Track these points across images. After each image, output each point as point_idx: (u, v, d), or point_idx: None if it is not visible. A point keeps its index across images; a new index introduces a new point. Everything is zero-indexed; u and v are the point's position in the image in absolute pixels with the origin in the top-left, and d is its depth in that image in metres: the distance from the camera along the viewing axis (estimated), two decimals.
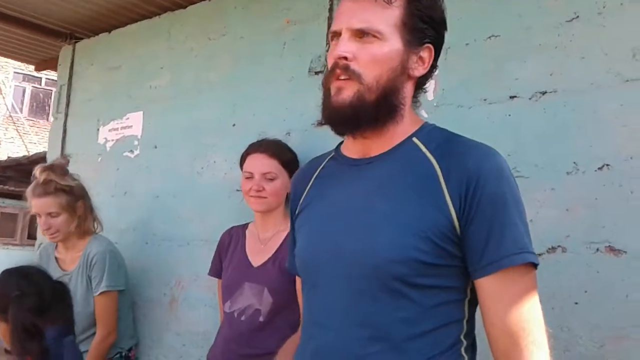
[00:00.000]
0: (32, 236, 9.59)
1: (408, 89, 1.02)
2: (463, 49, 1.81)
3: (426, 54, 1.01)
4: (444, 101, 1.81)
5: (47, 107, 15.44)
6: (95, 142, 2.81)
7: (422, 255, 0.90)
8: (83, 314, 2.23)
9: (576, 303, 1.49)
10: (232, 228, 2.02)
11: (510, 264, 0.90)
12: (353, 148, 1.05)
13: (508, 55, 1.73)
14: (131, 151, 2.66)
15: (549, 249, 1.56)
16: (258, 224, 1.93)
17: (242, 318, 1.79)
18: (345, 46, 0.96)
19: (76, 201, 2.25)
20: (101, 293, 2.19)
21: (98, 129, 2.83)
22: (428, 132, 1.03)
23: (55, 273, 2.32)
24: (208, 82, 2.46)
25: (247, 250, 1.90)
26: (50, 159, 2.83)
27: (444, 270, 0.92)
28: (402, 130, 1.02)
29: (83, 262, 2.24)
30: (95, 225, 2.35)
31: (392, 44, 0.96)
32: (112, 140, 2.75)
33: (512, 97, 1.71)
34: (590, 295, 1.47)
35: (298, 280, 1.18)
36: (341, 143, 1.12)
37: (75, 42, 3.07)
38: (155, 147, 2.58)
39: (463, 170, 0.92)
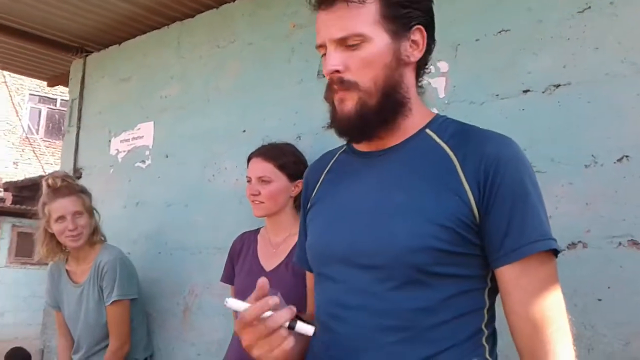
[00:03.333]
0: None
1: (408, 77, 1.00)
2: (473, 44, 1.79)
3: (418, 36, 0.98)
4: (455, 98, 1.78)
5: (62, 128, 15.61)
6: (107, 154, 2.82)
7: (441, 243, 0.88)
8: (95, 325, 2.22)
9: (599, 300, 1.44)
10: (243, 234, 2.00)
11: (532, 252, 0.88)
12: (365, 142, 1.03)
13: (520, 49, 1.70)
14: (143, 161, 2.66)
15: (570, 244, 1.51)
16: (269, 228, 1.90)
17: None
18: (334, 59, 0.95)
19: (91, 204, 2.25)
20: (113, 302, 2.17)
21: (110, 141, 2.84)
22: (440, 123, 1.02)
23: (66, 286, 2.31)
24: (218, 89, 2.46)
25: (259, 254, 1.88)
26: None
27: (464, 259, 0.91)
28: (412, 122, 1.00)
29: (94, 273, 2.22)
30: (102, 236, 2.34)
31: (379, 41, 0.94)
32: (124, 151, 2.76)
33: (525, 92, 1.67)
34: (614, 291, 1.42)
35: (309, 276, 1.15)
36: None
37: (86, 55, 3.10)
38: (167, 156, 2.57)
39: (481, 158, 0.91)
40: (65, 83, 3.50)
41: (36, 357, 9.28)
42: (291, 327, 0.84)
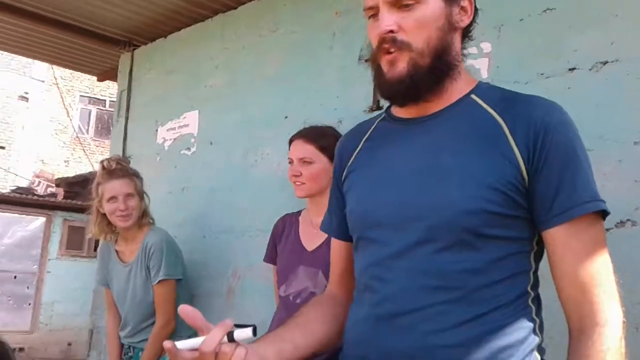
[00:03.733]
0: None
1: (457, 42, 1.01)
2: (517, 24, 1.77)
3: (466, 2, 0.99)
4: (498, 77, 1.77)
5: (111, 128, 16.10)
6: (154, 142, 2.91)
7: (492, 206, 0.89)
8: (143, 303, 2.30)
9: None
10: (285, 215, 2.03)
11: (583, 212, 0.88)
12: (407, 109, 1.04)
13: (565, 27, 1.67)
14: (188, 149, 2.73)
15: (618, 223, 1.48)
16: (310, 209, 1.93)
17: (298, 301, 1.78)
18: (388, 19, 0.95)
19: (142, 188, 2.33)
20: (159, 282, 2.24)
21: (156, 130, 2.93)
22: (485, 89, 1.01)
23: (115, 266, 2.40)
24: (261, 77, 2.50)
25: (300, 235, 1.91)
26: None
27: (512, 221, 0.91)
28: (458, 88, 1.00)
29: (142, 253, 2.30)
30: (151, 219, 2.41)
31: (432, 3, 0.95)
32: (170, 139, 2.84)
33: (571, 70, 1.65)
34: None
35: (337, 244, 1.16)
36: (390, 105, 1.10)
37: (134, 49, 3.20)
38: (211, 143, 2.64)
39: (529, 121, 0.91)
40: (114, 78, 3.63)
41: (80, 340, 9.55)
42: (230, 339, 0.81)
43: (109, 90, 16.07)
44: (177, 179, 2.74)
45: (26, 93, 13.98)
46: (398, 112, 1.06)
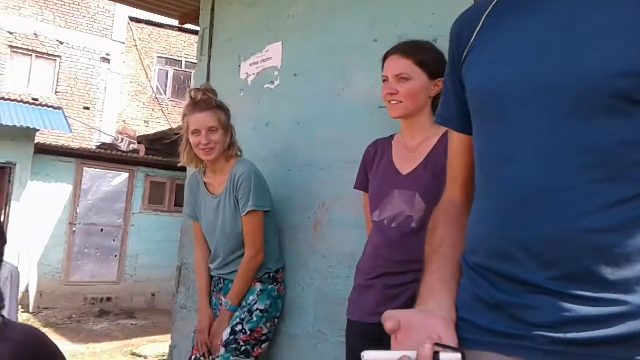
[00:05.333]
0: (178, 204, 10.35)
1: None
2: None
3: None
4: None
5: (188, 88, 16.52)
6: (237, 78, 2.86)
7: None
8: (232, 235, 2.29)
9: None
10: (377, 140, 1.93)
11: None
12: None
13: None
14: (272, 82, 2.66)
15: None
16: (405, 132, 1.81)
17: (393, 225, 1.69)
18: None
19: (229, 120, 2.30)
20: (248, 213, 2.22)
21: (239, 65, 2.87)
22: None
23: (204, 198, 2.39)
24: (344, 1, 2.37)
25: (394, 159, 1.80)
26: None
27: None
28: None
29: (230, 184, 2.28)
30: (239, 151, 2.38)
31: None
32: (253, 74, 2.78)
33: None
34: None
35: (457, 137, 1.04)
36: None
37: None
38: (295, 75, 2.55)
39: None
40: (194, 21, 3.61)
41: (163, 291, 9.98)
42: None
43: (185, 50, 16.41)
44: (261, 114, 2.69)
45: (107, 55, 14.49)
46: None
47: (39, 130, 8.92)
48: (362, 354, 0.73)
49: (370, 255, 1.74)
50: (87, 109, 14.22)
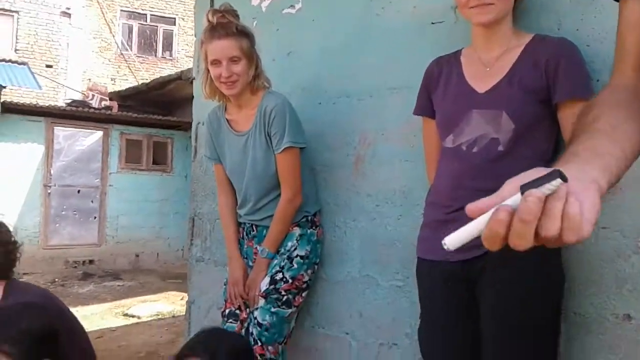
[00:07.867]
0: (156, 162, 9.97)
1: None
2: None
3: None
4: None
5: (154, 44, 15.82)
6: (248, 5, 2.55)
7: None
8: (264, 175, 2.05)
9: None
10: (439, 58, 1.69)
11: None
12: None
13: None
14: (292, 6, 2.38)
15: None
16: (479, 44, 1.58)
17: (474, 150, 1.48)
18: None
19: (253, 47, 2.02)
20: (284, 150, 1.98)
21: None
22: None
23: (228, 136, 2.14)
24: None
25: (466, 76, 1.58)
26: (198, 32, 2.60)
27: None
28: None
29: (259, 119, 2.02)
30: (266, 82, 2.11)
31: None
32: None
33: None
34: None
35: None
36: None
37: None
38: None
39: None
40: None
41: (147, 251, 9.76)
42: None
43: (150, 3, 15.58)
44: (281, 43, 2.41)
45: (68, 9, 13.67)
46: None
47: (4, 88, 8.36)
48: (443, 241, 0.66)
49: (448, 186, 1.53)
50: (50, 66, 13.48)
